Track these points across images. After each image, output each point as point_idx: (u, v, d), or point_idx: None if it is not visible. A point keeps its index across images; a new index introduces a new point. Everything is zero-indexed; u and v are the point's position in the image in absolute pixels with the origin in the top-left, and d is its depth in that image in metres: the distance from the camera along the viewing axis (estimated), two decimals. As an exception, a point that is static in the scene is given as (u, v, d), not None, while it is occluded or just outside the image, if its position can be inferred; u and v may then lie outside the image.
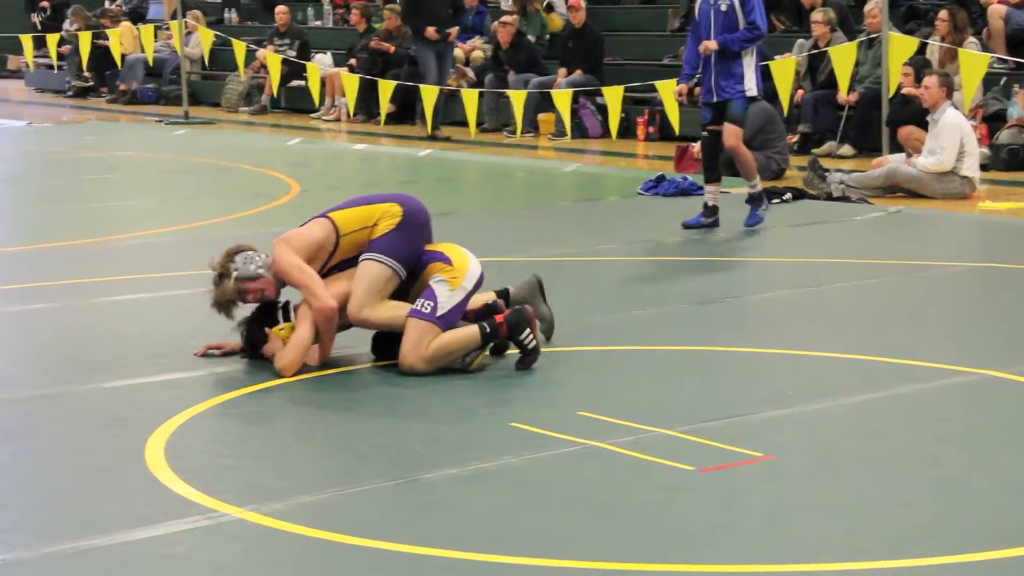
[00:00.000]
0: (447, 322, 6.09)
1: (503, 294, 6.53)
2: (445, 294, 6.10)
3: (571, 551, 4.13)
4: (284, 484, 4.75)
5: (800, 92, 14.72)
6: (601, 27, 17.61)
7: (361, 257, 6.18)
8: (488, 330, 6.09)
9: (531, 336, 6.12)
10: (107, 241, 9.84)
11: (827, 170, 12.07)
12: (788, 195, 11.57)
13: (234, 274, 6.16)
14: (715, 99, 9.99)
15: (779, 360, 6.45)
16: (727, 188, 11.40)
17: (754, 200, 10.20)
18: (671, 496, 4.59)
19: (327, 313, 6.06)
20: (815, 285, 8.16)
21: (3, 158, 15.66)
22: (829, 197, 11.67)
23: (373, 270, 6.13)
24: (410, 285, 6.22)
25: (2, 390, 5.95)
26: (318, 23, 22.72)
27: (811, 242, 9.91)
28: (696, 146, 13.55)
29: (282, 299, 6.31)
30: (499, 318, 6.13)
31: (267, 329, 6.24)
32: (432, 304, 6.07)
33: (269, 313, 6.28)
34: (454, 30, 17.13)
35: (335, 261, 6.23)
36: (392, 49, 18.52)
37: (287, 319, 6.28)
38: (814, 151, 14.06)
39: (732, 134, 10.01)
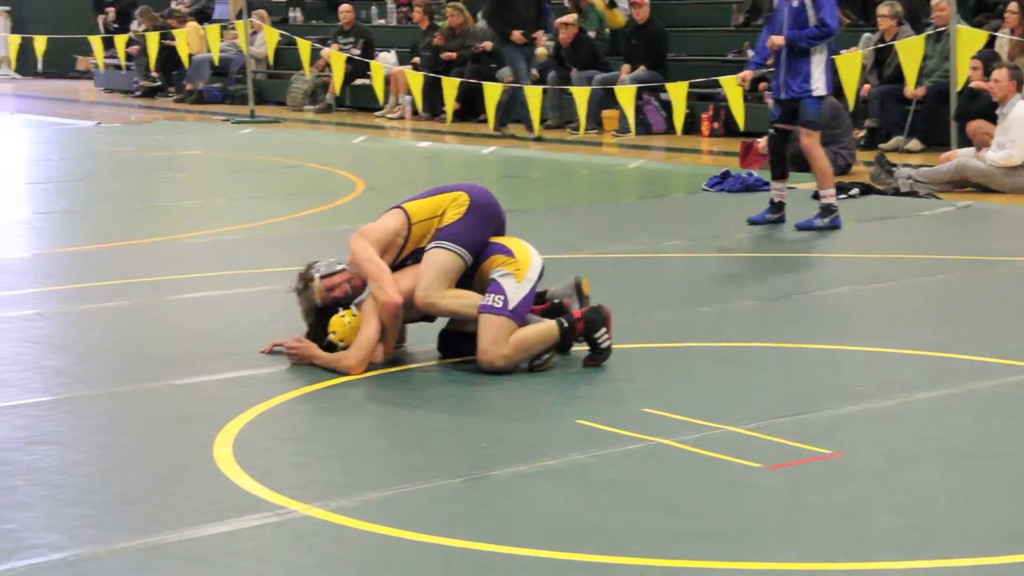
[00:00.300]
0: (519, 315, 6.10)
1: (540, 295, 6.49)
2: (512, 287, 6.11)
3: (637, 549, 4.12)
4: (352, 481, 4.77)
5: (867, 87, 14.60)
6: (665, 23, 17.54)
7: (428, 245, 6.21)
8: (566, 325, 6.09)
9: (606, 335, 6.11)
10: (175, 240, 9.93)
11: (894, 165, 11.97)
12: (855, 191, 11.48)
13: (316, 276, 6.21)
14: (783, 96, 9.91)
15: (847, 356, 6.40)
16: (793, 184, 11.34)
17: (821, 208, 9.93)
18: (738, 493, 4.57)
19: (392, 308, 6.08)
20: (883, 281, 8.10)
21: (73, 158, 15.84)
22: (897, 192, 11.56)
23: (440, 257, 6.15)
24: (471, 275, 6.22)
25: (75, 388, 6.03)
26: (382, 21, 22.81)
27: (879, 238, 9.82)
28: (762, 142, 13.48)
29: None
30: (576, 314, 6.14)
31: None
32: (502, 298, 6.08)
33: (330, 313, 6.28)
34: (539, 33, 17.09)
35: (408, 252, 6.26)
36: (455, 56, 18.53)
37: (347, 307, 6.26)
38: (881, 146, 13.94)
39: (805, 135, 9.88)
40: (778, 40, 9.73)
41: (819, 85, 9.76)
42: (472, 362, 6.16)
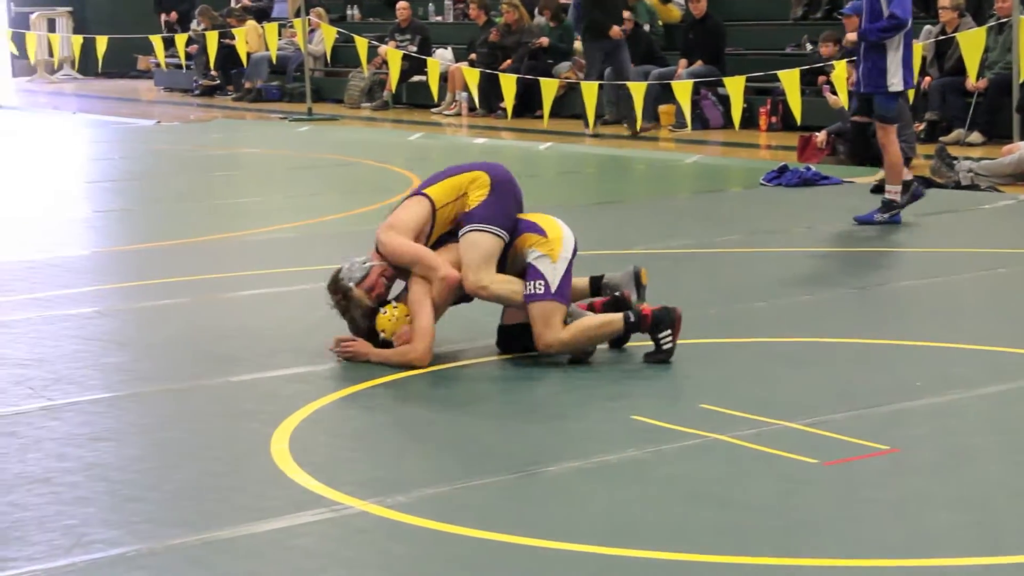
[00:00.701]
0: (563, 294, 6.09)
1: (597, 280, 6.49)
2: (549, 269, 6.09)
3: (693, 544, 4.11)
4: (407, 477, 4.78)
5: (927, 79, 14.46)
6: (722, 17, 17.46)
7: (463, 231, 6.17)
8: (633, 319, 6.08)
9: (670, 337, 6.08)
10: (233, 237, 10.00)
11: (955, 158, 11.85)
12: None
13: (352, 285, 6.20)
14: (861, 90, 9.85)
15: (905, 351, 6.35)
16: (853, 178, 11.27)
17: (883, 203, 9.81)
18: (794, 489, 4.54)
19: (453, 283, 6.09)
20: (943, 275, 8.02)
21: (132, 157, 15.99)
22: (957, 186, 11.45)
23: (479, 239, 6.13)
24: (505, 253, 6.20)
25: (134, 384, 6.08)
26: (439, 18, 22.86)
27: (939, 231, 9.73)
28: (820, 136, 13.41)
29: None
30: (646, 309, 6.11)
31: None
32: (543, 283, 6.07)
33: (373, 313, 6.28)
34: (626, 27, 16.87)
35: (434, 238, 6.26)
36: (544, 42, 18.43)
37: (387, 302, 6.27)
38: (942, 139, 13.81)
39: (879, 129, 9.79)
40: (851, 37, 9.64)
41: (895, 80, 9.57)
42: (525, 358, 6.16)
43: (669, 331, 6.08)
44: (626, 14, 17.38)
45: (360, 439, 5.36)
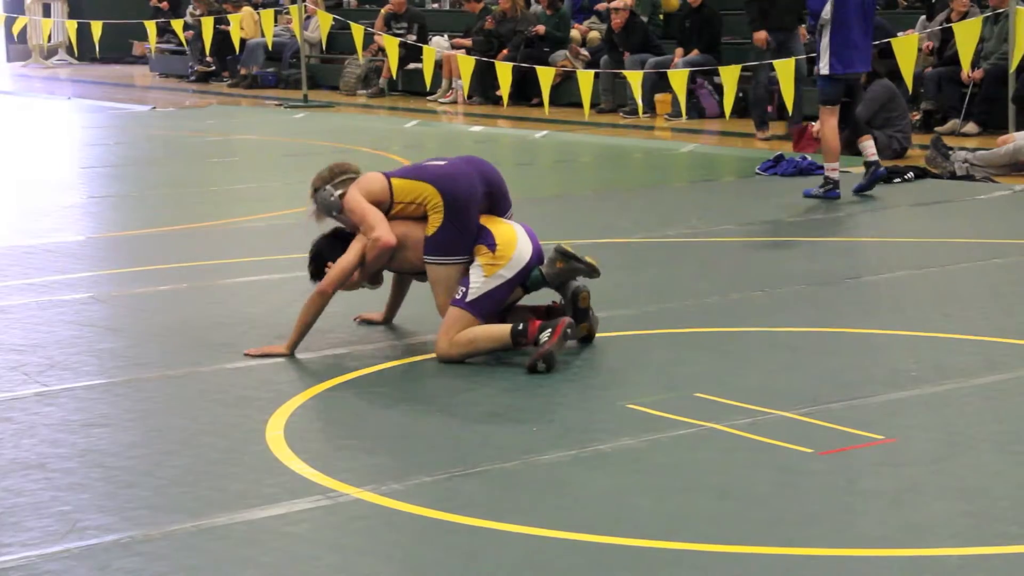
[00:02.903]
0: (479, 309, 6.02)
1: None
2: (479, 281, 6.04)
3: (688, 534, 4.11)
4: (403, 464, 4.79)
5: (928, 68, 14.45)
6: (719, 6, 17.44)
7: (427, 261, 6.19)
8: (520, 328, 5.95)
9: (547, 343, 5.83)
10: (229, 224, 9.99)
11: (951, 148, 11.85)
12: (910, 174, 11.39)
13: (317, 206, 6.48)
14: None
15: (900, 341, 6.35)
16: (848, 167, 11.27)
17: (826, 182, 10.35)
18: (790, 479, 4.54)
19: (384, 246, 6.16)
20: (937, 265, 8.03)
21: (128, 142, 15.96)
22: (952, 176, 11.46)
23: (442, 274, 6.15)
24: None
25: (129, 370, 6.08)
26: (435, 5, 22.81)
27: (934, 222, 9.74)
28: (816, 125, 13.40)
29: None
30: (535, 323, 5.96)
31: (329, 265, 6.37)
32: (464, 290, 6.05)
33: (343, 239, 6.39)
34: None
35: (388, 218, 6.33)
36: (540, 30, 18.42)
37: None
38: (937, 129, 13.80)
39: (820, 111, 10.49)
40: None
41: (822, 64, 10.21)
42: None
43: (549, 331, 5.85)
44: (624, 2, 17.37)
45: (356, 427, 5.36)
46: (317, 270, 6.44)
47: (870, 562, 3.91)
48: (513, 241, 6.12)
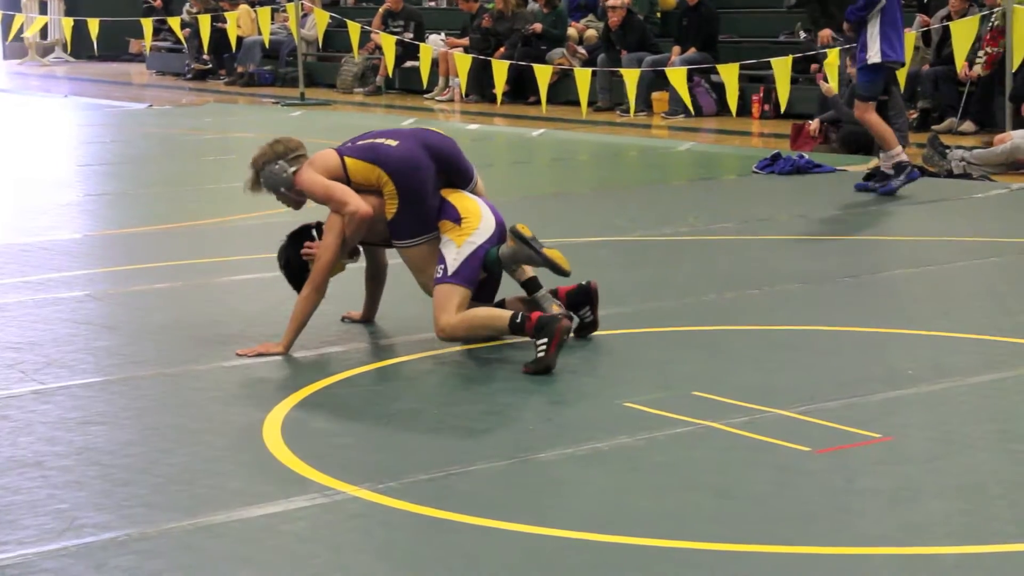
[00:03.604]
0: (464, 277, 6.12)
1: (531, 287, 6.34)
2: (452, 253, 6.14)
3: (686, 532, 4.11)
4: (400, 462, 4.78)
5: (926, 66, 14.45)
6: (716, 4, 17.45)
7: (396, 245, 6.31)
8: (518, 321, 5.97)
9: (545, 346, 5.81)
10: (226, 222, 9.98)
11: (947, 147, 11.85)
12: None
13: (262, 180, 6.69)
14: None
15: (898, 340, 6.35)
16: (846, 166, 11.28)
17: (895, 167, 10.15)
18: (787, 478, 4.54)
19: (363, 217, 6.17)
20: (935, 264, 8.03)
21: (125, 140, 15.94)
22: (949, 174, 11.46)
23: (415, 253, 6.25)
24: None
25: (126, 368, 6.07)
26: (432, 3, 22.80)
27: (931, 220, 9.74)
28: (813, 124, 13.40)
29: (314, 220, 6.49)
30: (535, 315, 5.96)
31: (304, 255, 6.38)
32: (443, 267, 6.14)
33: (303, 237, 6.41)
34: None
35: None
36: (537, 28, 18.38)
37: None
38: (934, 128, 13.81)
39: (856, 108, 10.26)
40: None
41: (872, 52, 9.99)
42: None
43: (547, 339, 5.79)
44: (620, 1, 17.37)
45: (352, 424, 5.35)
46: (293, 277, 6.43)
47: (867, 560, 3.91)
48: (477, 211, 6.24)
